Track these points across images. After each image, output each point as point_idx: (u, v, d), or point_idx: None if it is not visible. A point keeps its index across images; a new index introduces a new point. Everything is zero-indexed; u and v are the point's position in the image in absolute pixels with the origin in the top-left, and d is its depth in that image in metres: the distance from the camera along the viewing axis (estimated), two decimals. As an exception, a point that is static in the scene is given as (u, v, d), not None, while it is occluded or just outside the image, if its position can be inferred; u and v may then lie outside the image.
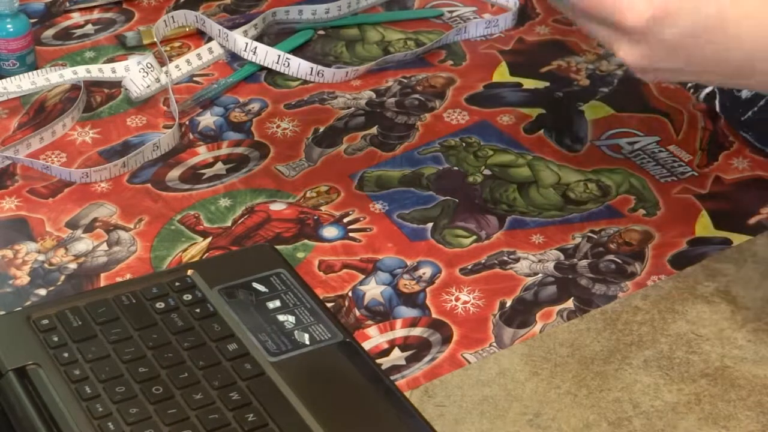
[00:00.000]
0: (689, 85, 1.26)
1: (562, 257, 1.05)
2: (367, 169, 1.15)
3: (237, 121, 1.21)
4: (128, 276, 1.02)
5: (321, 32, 1.34)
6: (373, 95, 1.24)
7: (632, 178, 1.14)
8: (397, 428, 0.87)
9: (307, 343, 0.93)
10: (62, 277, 1.03)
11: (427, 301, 1.01)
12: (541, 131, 1.20)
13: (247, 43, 1.27)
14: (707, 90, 1.24)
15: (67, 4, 1.37)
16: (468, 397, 0.92)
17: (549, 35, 1.33)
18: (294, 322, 0.94)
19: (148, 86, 1.23)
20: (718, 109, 1.21)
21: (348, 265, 1.04)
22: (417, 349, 0.96)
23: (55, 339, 0.91)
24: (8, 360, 0.90)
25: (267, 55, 1.26)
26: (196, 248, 1.06)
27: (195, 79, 1.26)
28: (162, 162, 1.15)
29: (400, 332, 0.98)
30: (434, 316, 0.99)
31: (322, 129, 1.20)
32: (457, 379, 0.94)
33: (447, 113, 1.22)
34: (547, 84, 1.26)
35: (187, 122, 1.20)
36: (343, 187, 1.13)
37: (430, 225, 1.08)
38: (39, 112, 1.21)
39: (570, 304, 1.01)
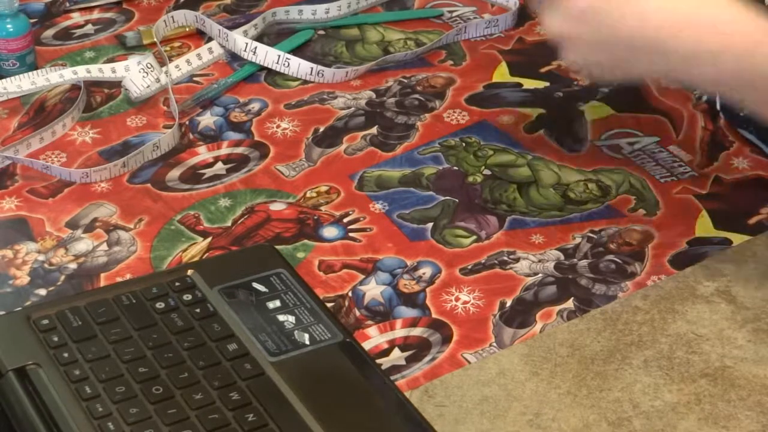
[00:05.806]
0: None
1: (562, 257, 1.05)
2: (367, 169, 1.15)
3: (237, 121, 1.21)
4: (128, 276, 1.02)
5: (321, 32, 1.34)
6: (373, 95, 1.24)
7: (632, 178, 1.14)
8: (397, 428, 0.87)
9: (307, 343, 0.92)
10: (62, 277, 1.03)
11: (427, 301, 1.01)
12: (541, 131, 1.20)
13: (247, 43, 1.27)
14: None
15: (67, 4, 1.37)
16: (468, 397, 0.92)
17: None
18: (294, 322, 0.94)
19: (148, 86, 1.23)
20: (718, 106, 1.21)
21: (348, 265, 1.04)
22: (417, 349, 0.96)
23: (55, 339, 0.91)
24: (8, 360, 0.90)
25: (267, 55, 1.26)
26: (196, 248, 1.06)
27: (195, 79, 1.26)
28: (162, 162, 1.15)
29: (400, 332, 0.98)
30: (434, 316, 0.99)
31: (322, 129, 1.20)
32: (457, 379, 0.94)
33: (447, 113, 1.22)
34: (547, 84, 1.26)
35: (187, 122, 1.20)
36: (343, 187, 1.13)
37: (430, 225, 1.08)
38: (39, 112, 1.21)
39: (570, 304, 1.01)
